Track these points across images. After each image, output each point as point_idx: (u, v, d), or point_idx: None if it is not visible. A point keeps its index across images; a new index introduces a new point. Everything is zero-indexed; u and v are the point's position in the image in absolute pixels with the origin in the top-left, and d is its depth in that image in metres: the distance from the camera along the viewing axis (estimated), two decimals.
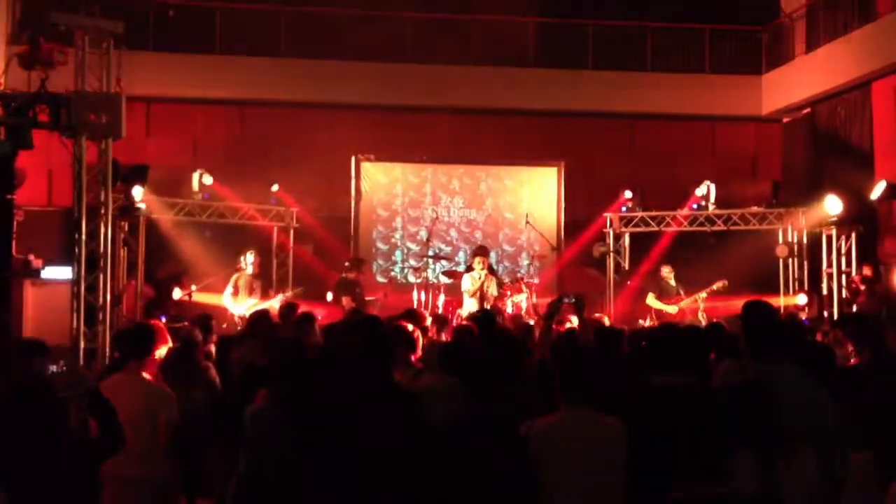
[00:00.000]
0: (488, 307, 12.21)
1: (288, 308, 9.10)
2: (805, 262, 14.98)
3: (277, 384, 4.63)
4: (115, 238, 10.98)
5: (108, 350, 9.21)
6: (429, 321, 8.39)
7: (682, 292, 13.30)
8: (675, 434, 4.08)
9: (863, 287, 12.87)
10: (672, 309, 13.09)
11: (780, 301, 14.25)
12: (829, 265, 14.30)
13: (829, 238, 14.28)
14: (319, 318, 9.24)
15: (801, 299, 14.22)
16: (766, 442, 3.85)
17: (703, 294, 13.11)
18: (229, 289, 12.46)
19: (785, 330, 5.39)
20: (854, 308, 12.84)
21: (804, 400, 4.46)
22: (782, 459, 4.15)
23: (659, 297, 13.32)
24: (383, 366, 4.81)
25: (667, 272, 13.60)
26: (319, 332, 7.56)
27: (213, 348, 7.90)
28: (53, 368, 4.93)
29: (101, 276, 9.44)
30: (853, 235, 13.95)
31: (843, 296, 13.87)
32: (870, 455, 3.56)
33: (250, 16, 16.60)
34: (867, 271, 13.12)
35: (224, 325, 11.76)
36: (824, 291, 14.34)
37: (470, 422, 4.15)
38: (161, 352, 5.41)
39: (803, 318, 12.95)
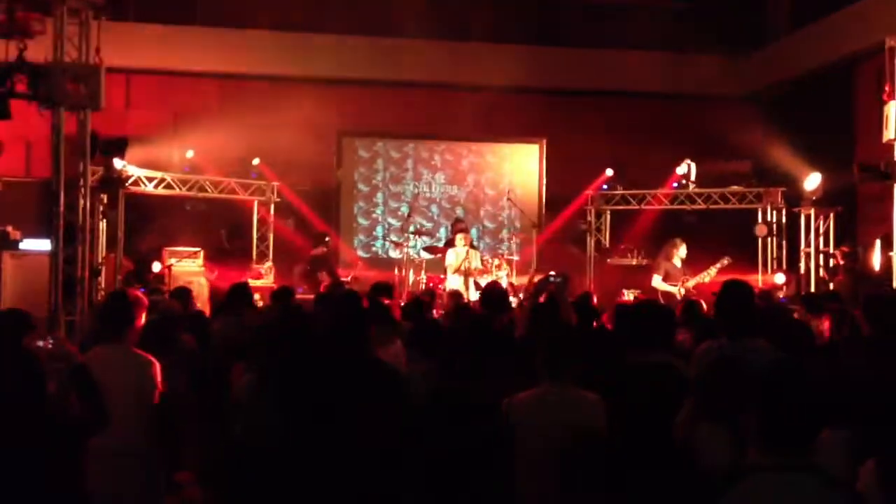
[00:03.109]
0: (472, 286, 12.34)
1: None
2: (784, 242, 15.07)
3: (269, 361, 4.60)
4: (94, 210, 10.91)
5: (86, 322, 9.17)
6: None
7: (687, 272, 12.89)
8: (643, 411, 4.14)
9: (842, 263, 12.95)
10: (678, 290, 12.50)
11: (759, 280, 14.34)
12: (808, 245, 14.39)
13: (808, 218, 14.37)
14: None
15: (780, 278, 14.30)
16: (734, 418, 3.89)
17: (713, 271, 12.52)
18: None
19: (760, 309, 5.43)
20: (831, 287, 12.92)
21: None
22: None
23: (665, 279, 12.79)
24: (362, 340, 4.82)
25: (676, 252, 12.88)
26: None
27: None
28: (40, 343, 4.91)
29: (80, 249, 9.38)
30: (832, 215, 14.04)
31: (821, 275, 13.97)
32: (838, 433, 3.61)
33: None
34: (845, 250, 13.20)
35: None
36: (802, 271, 14.44)
37: (446, 397, 4.17)
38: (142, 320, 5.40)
39: (781, 296, 13.03)
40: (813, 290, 13.59)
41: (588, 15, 17.24)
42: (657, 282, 12.74)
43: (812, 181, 13.68)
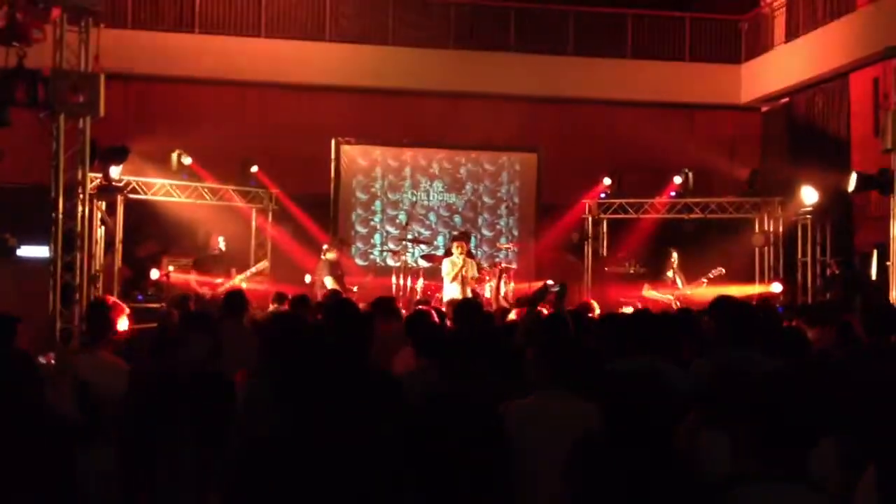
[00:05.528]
0: (469, 294, 12.34)
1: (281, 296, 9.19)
2: (780, 251, 15.11)
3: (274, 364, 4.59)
4: (93, 217, 10.91)
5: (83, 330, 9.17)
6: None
7: (679, 282, 12.99)
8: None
9: (838, 272, 12.98)
10: (668, 298, 12.64)
11: (755, 289, 14.35)
12: (805, 254, 14.44)
13: (805, 228, 14.42)
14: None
15: (776, 287, 14.33)
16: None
17: (704, 282, 12.71)
18: None
19: (755, 319, 5.44)
20: (828, 296, 12.96)
21: None
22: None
23: (655, 288, 12.97)
24: (360, 349, 4.83)
25: (669, 262, 13.06)
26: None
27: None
28: (42, 360, 4.91)
29: (79, 256, 9.38)
30: (828, 225, 14.09)
31: (818, 284, 14.01)
32: (830, 442, 3.61)
33: None
34: (841, 260, 13.25)
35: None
36: (799, 280, 14.48)
37: (443, 399, 4.16)
38: (122, 325, 5.34)
39: (778, 306, 13.04)
40: (809, 300, 13.64)
41: (586, 24, 17.31)
42: (646, 290, 12.90)
43: (809, 191, 13.72)
